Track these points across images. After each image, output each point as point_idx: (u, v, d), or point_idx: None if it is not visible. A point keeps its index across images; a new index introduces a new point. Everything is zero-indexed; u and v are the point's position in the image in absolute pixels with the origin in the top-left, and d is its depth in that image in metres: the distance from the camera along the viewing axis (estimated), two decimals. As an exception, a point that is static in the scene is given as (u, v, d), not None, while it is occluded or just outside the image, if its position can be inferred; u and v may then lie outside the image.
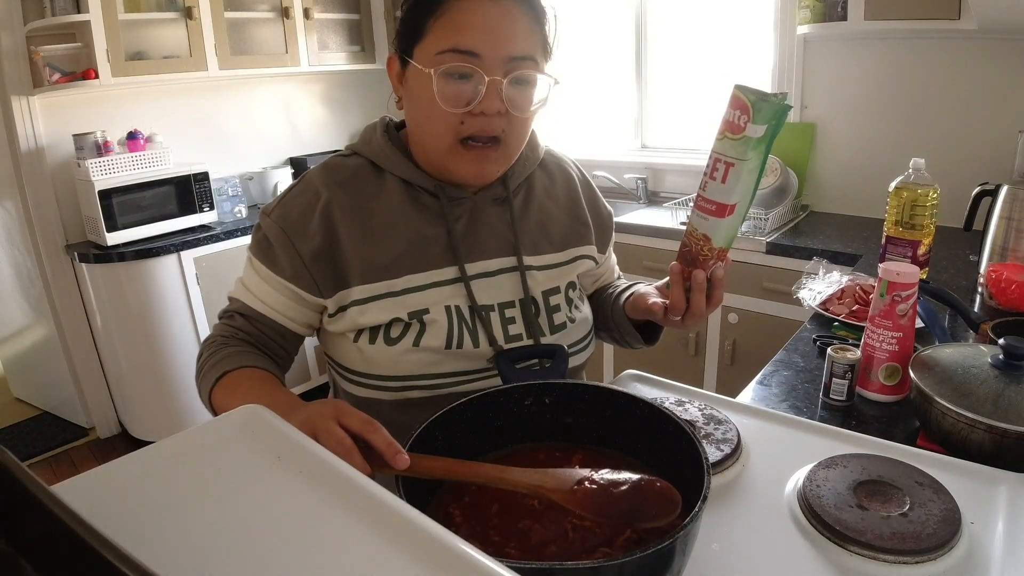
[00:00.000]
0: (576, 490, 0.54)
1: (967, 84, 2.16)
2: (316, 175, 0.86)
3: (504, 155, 0.81)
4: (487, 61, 0.74)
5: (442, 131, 0.77)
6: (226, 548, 0.38)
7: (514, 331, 0.86)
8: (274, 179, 3.08)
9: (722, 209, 0.71)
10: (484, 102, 0.75)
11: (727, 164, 0.69)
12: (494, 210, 0.88)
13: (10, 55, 2.44)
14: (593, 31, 3.16)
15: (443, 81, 0.74)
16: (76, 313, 2.77)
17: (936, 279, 1.60)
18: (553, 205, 0.93)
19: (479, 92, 0.74)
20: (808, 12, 2.23)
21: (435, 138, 0.79)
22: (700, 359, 2.41)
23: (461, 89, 0.75)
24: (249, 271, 0.87)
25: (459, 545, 0.36)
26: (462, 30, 0.73)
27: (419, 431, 0.63)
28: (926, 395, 0.84)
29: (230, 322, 0.87)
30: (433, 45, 0.75)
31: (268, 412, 0.51)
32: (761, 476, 0.75)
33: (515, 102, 0.77)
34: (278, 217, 0.84)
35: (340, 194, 0.84)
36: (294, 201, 0.84)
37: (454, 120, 0.76)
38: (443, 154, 0.79)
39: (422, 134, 0.82)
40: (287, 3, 2.92)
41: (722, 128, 0.69)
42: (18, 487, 0.29)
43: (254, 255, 0.86)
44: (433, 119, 0.77)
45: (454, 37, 0.74)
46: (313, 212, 0.82)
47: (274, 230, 0.83)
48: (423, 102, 0.77)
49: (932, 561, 0.60)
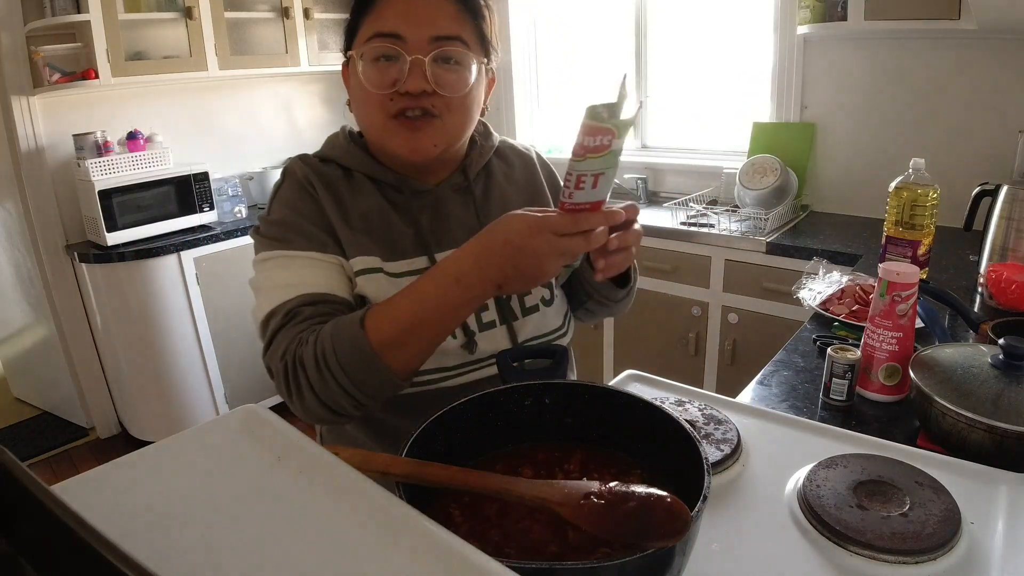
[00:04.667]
0: (583, 505, 0.54)
1: (967, 84, 2.16)
2: (296, 167, 0.87)
3: (441, 132, 0.81)
4: (409, 42, 0.76)
5: (374, 111, 0.80)
6: (226, 548, 0.38)
7: (487, 318, 0.87)
8: (274, 179, 3.07)
9: (597, 206, 0.69)
10: (408, 81, 0.77)
11: (596, 175, 0.67)
12: (457, 199, 0.90)
13: (10, 55, 2.44)
14: (593, 31, 3.17)
15: (369, 64, 0.78)
16: (76, 313, 2.77)
17: (936, 279, 1.60)
18: (513, 190, 0.95)
19: (403, 72, 0.77)
20: (808, 12, 2.23)
21: (369, 120, 0.82)
22: (700, 359, 2.41)
23: (386, 70, 0.77)
24: (271, 272, 0.81)
25: (459, 545, 0.36)
26: (384, 15, 0.77)
27: (419, 431, 0.63)
28: (926, 395, 0.84)
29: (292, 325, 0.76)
30: (364, 34, 0.79)
31: (268, 412, 0.51)
32: (761, 476, 0.75)
33: (442, 81, 0.78)
34: (280, 208, 0.84)
35: (321, 185, 0.85)
36: (288, 192, 0.85)
37: (383, 99, 0.78)
38: (379, 133, 0.81)
39: (361, 120, 0.84)
40: (287, 3, 2.92)
41: (581, 153, 0.65)
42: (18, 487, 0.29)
43: (271, 250, 0.81)
44: (366, 102, 0.80)
45: (377, 23, 0.78)
46: (308, 195, 0.84)
47: (283, 216, 0.83)
48: (357, 89, 0.81)
49: (932, 561, 0.60)
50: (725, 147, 2.84)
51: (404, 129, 0.79)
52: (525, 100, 3.43)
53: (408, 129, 0.79)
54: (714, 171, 2.72)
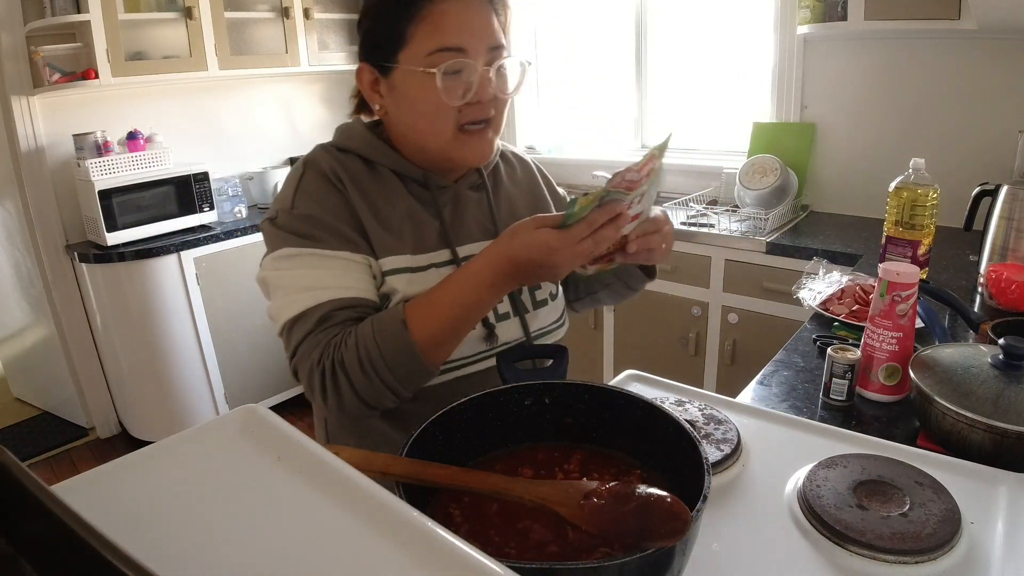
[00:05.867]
0: (584, 505, 0.54)
1: (967, 84, 2.16)
2: (319, 158, 0.87)
3: (495, 134, 0.88)
4: (473, 54, 0.80)
5: (443, 124, 0.82)
6: (226, 548, 0.38)
7: (502, 309, 0.92)
8: (274, 179, 3.08)
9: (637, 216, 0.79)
10: (479, 91, 0.81)
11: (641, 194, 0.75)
12: (474, 197, 0.94)
13: (10, 55, 2.44)
14: (593, 31, 3.17)
15: (445, 78, 0.79)
16: (76, 313, 2.77)
17: (936, 279, 1.60)
18: (518, 191, 1.01)
19: (472, 83, 0.80)
20: (808, 12, 2.23)
21: (436, 132, 0.83)
22: (700, 359, 2.41)
23: (457, 83, 0.80)
24: (298, 271, 0.81)
25: (459, 545, 0.36)
26: (446, 30, 0.79)
27: (418, 431, 0.63)
28: (926, 395, 0.84)
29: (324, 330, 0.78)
30: (420, 48, 0.80)
31: (268, 412, 0.51)
32: (761, 476, 0.75)
33: (500, 86, 0.84)
34: (306, 202, 0.84)
35: (347, 178, 0.86)
36: (313, 184, 0.85)
37: (453, 112, 0.81)
38: (446, 144, 0.84)
39: (421, 131, 0.85)
40: (287, 3, 2.92)
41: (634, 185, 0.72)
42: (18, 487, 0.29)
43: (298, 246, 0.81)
44: (434, 114, 0.82)
45: (440, 37, 0.79)
46: (335, 190, 0.85)
47: (311, 211, 0.83)
48: (420, 102, 0.82)
49: (932, 561, 0.60)
50: (725, 147, 2.84)
51: (474, 139, 0.84)
52: (525, 100, 3.43)
53: (478, 139, 0.85)
54: (714, 171, 2.72)
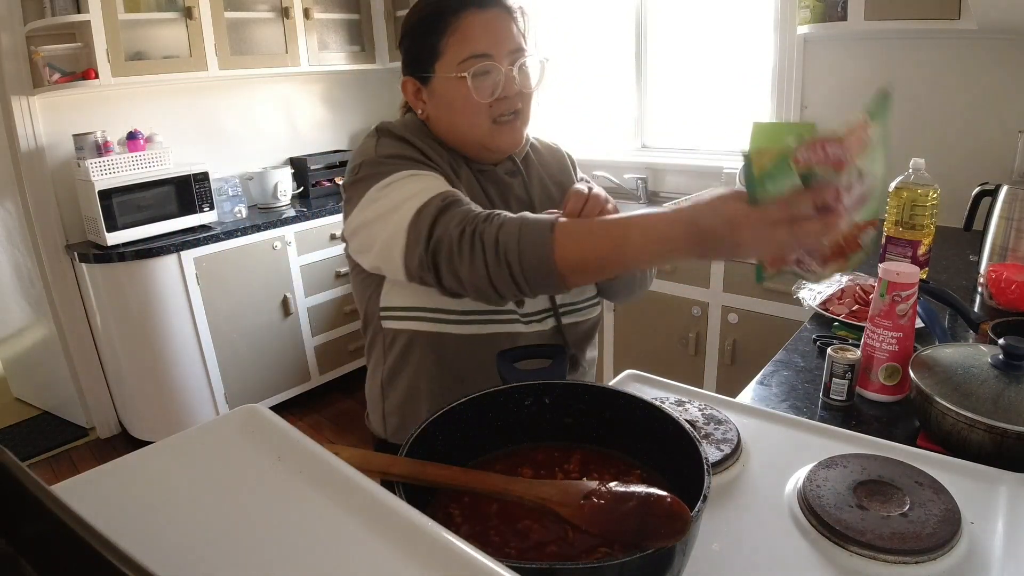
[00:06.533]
0: (583, 505, 0.54)
1: (967, 84, 2.16)
2: (389, 127, 0.98)
3: (524, 124, 1.01)
4: (497, 57, 0.94)
5: (480, 119, 0.96)
6: (226, 548, 0.38)
7: None
8: (274, 179, 3.08)
9: (863, 199, 0.68)
10: (506, 87, 0.95)
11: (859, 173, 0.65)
12: (512, 181, 1.05)
13: (10, 55, 2.44)
14: (593, 31, 3.17)
15: (475, 80, 0.93)
16: (76, 313, 2.77)
17: (936, 279, 1.60)
18: (547, 174, 1.11)
19: (499, 82, 0.94)
20: (808, 12, 2.23)
21: (474, 126, 0.96)
22: (700, 359, 2.41)
23: (485, 83, 0.94)
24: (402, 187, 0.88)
25: (459, 545, 0.36)
26: (473, 40, 0.93)
27: (418, 431, 0.63)
28: (926, 395, 0.84)
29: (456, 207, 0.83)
30: (454, 57, 0.93)
31: (268, 412, 0.51)
32: (761, 476, 0.75)
33: (524, 83, 0.97)
34: (386, 148, 0.94)
35: (417, 141, 0.96)
36: (389, 144, 0.95)
37: (486, 108, 0.95)
38: (484, 135, 0.97)
39: (460, 127, 0.98)
40: (287, 3, 2.92)
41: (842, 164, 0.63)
42: (18, 487, 0.29)
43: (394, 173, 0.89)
44: (471, 112, 0.95)
45: (469, 46, 0.93)
46: (412, 147, 0.95)
47: (398, 151, 0.93)
48: (457, 102, 0.95)
49: (932, 561, 0.60)
50: (725, 147, 2.84)
51: (507, 129, 0.97)
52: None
53: (510, 129, 0.98)
54: (714, 171, 2.72)
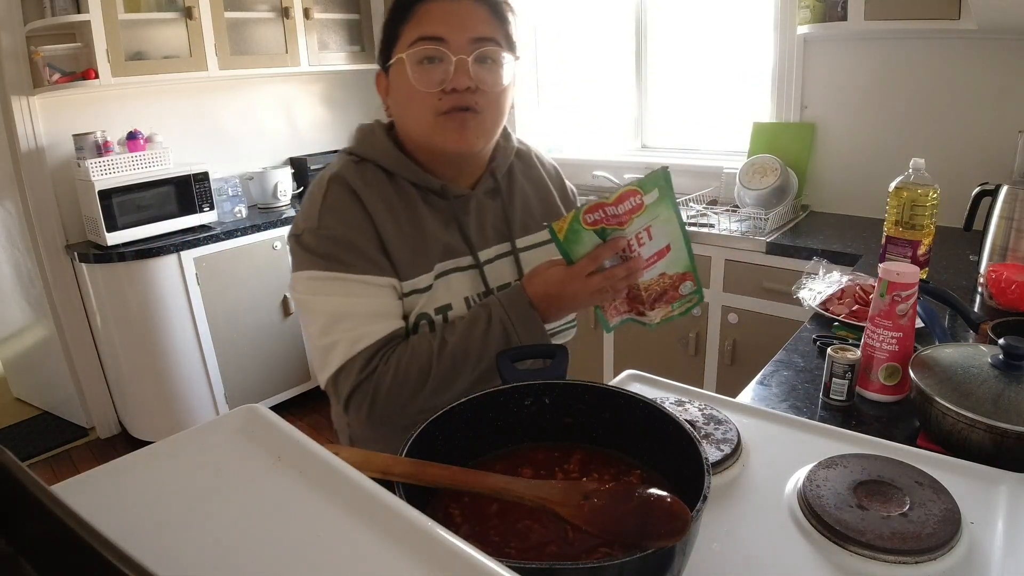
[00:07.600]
0: (584, 505, 0.54)
1: (967, 84, 2.16)
2: (343, 175, 0.89)
3: (482, 126, 0.87)
4: (452, 44, 0.82)
5: (422, 112, 0.85)
6: (226, 548, 0.38)
7: None
8: (274, 179, 3.08)
9: (662, 252, 0.85)
10: (455, 79, 0.83)
11: (646, 229, 0.81)
12: (490, 203, 0.97)
13: (10, 55, 2.44)
14: (593, 31, 3.17)
15: (415, 66, 0.83)
16: (76, 313, 2.77)
17: (936, 279, 1.60)
18: (532, 187, 1.04)
19: (449, 72, 0.82)
20: (808, 12, 2.23)
21: (418, 120, 0.86)
22: (700, 359, 2.41)
23: (433, 71, 0.83)
24: (330, 298, 0.85)
25: (459, 545, 0.36)
26: (426, 21, 0.83)
27: (418, 431, 0.63)
28: (926, 395, 0.84)
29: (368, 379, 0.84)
30: (405, 41, 0.85)
31: (268, 412, 0.51)
32: (761, 476, 0.75)
33: (483, 79, 0.85)
34: (332, 221, 0.85)
35: (370, 194, 0.87)
36: (338, 201, 0.87)
37: (432, 99, 0.84)
38: (428, 130, 0.86)
39: (407, 121, 0.88)
40: (287, 3, 2.92)
41: (623, 221, 0.79)
42: (18, 487, 0.29)
43: (326, 270, 0.84)
44: (414, 102, 0.85)
45: (420, 28, 0.83)
46: (359, 208, 0.87)
47: (337, 233, 0.84)
48: (403, 92, 0.86)
49: (932, 561, 0.60)
50: (725, 147, 2.84)
51: (453, 124, 0.85)
52: (525, 100, 3.42)
53: (456, 124, 0.85)
54: (714, 171, 2.72)
